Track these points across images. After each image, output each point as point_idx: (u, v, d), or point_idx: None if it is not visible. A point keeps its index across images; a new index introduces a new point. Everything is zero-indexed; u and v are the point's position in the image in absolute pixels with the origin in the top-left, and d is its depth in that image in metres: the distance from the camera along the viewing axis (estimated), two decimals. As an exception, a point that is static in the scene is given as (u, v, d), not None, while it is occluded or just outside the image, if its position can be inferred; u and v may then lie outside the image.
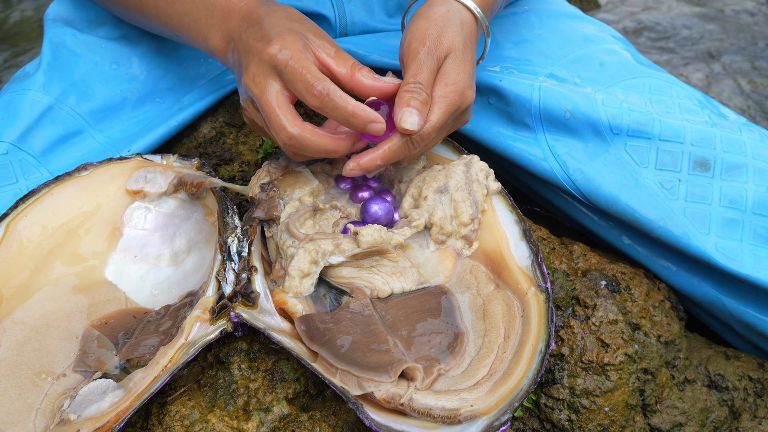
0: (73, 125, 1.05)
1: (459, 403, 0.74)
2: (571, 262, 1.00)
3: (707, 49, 2.72)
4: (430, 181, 0.90)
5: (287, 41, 0.82)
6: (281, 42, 0.82)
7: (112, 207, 0.95)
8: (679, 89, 1.08)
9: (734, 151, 1.01)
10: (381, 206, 0.89)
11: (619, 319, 0.93)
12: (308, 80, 0.80)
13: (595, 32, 1.17)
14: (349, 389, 0.74)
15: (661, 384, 0.94)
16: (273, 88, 0.82)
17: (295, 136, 0.81)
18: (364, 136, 0.85)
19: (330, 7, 1.16)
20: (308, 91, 0.80)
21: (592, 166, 1.03)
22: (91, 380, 0.80)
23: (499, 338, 0.81)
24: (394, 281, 0.86)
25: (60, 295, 0.88)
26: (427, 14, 0.89)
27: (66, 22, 1.15)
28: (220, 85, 1.15)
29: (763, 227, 0.98)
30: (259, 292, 0.84)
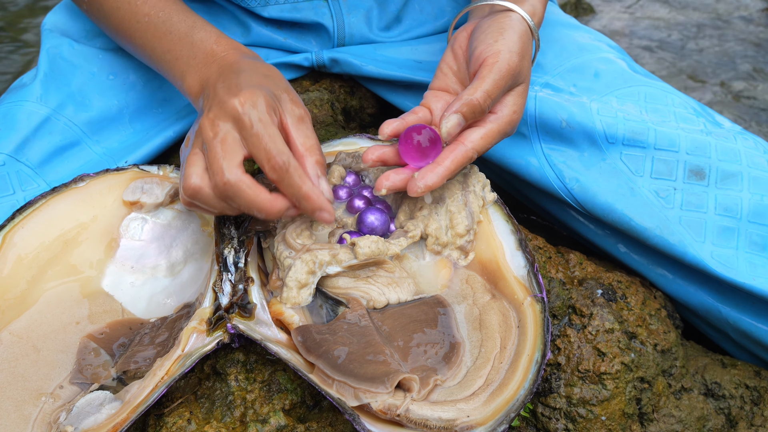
0: (70, 136, 1.05)
1: (455, 414, 0.74)
2: (568, 270, 1.00)
3: (702, 56, 2.72)
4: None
5: (256, 98, 0.80)
6: (249, 97, 0.79)
7: (109, 218, 0.95)
8: (674, 98, 1.09)
9: (729, 160, 1.01)
10: (377, 217, 0.89)
11: (615, 327, 0.93)
12: (270, 150, 0.77)
13: (590, 41, 1.17)
14: (346, 400, 0.74)
15: (658, 392, 0.94)
16: (228, 134, 0.79)
17: (231, 182, 0.77)
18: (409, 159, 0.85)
19: (329, 18, 1.17)
20: (268, 160, 0.78)
21: (588, 175, 1.03)
22: (88, 392, 0.80)
23: (496, 348, 0.81)
24: (390, 292, 0.86)
25: (56, 307, 0.88)
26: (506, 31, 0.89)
27: (63, 32, 1.15)
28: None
29: (758, 235, 0.98)
30: (255, 303, 0.84)
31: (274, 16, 1.14)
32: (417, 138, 0.83)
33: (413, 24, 1.22)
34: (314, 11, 1.16)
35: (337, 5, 1.16)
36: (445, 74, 0.94)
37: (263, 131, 0.78)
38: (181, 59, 0.93)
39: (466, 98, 0.82)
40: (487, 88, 0.83)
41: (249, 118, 0.78)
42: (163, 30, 0.96)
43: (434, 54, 1.18)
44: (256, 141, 0.78)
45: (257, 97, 0.80)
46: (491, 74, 0.84)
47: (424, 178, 0.82)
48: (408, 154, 0.85)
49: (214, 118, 0.80)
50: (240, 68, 0.86)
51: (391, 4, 1.19)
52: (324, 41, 1.19)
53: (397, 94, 1.19)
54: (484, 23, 0.91)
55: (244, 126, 0.79)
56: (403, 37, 1.22)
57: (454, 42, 0.95)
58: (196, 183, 0.79)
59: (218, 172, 0.77)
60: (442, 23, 1.23)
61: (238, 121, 0.79)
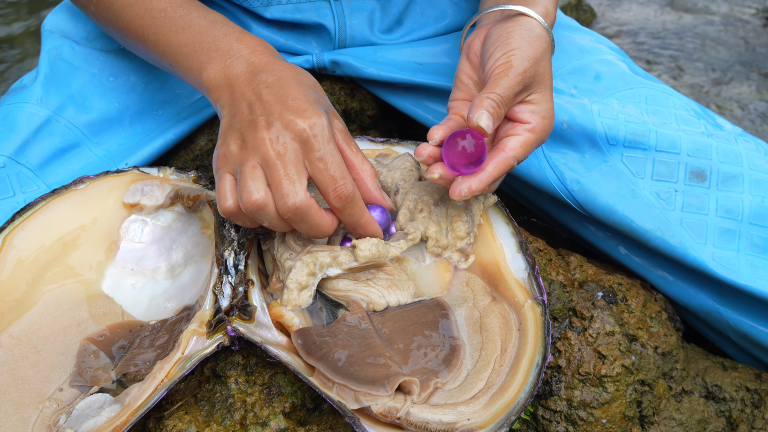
0: (70, 138, 1.05)
1: (456, 417, 0.74)
2: (568, 273, 1.00)
3: (702, 59, 2.72)
4: (426, 194, 0.90)
5: (321, 119, 0.80)
6: (317, 120, 0.79)
7: (109, 220, 0.95)
8: (675, 100, 1.09)
9: (730, 162, 1.01)
10: (379, 215, 0.89)
11: (616, 330, 0.93)
12: (336, 178, 0.79)
13: (591, 43, 1.17)
14: (346, 403, 0.74)
15: (659, 395, 0.94)
16: (296, 154, 0.79)
17: (300, 207, 0.77)
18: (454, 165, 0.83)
19: (331, 20, 1.16)
20: (335, 189, 0.79)
21: (589, 177, 1.03)
22: (88, 395, 0.80)
23: (496, 351, 0.81)
24: (390, 294, 0.86)
25: (56, 309, 0.88)
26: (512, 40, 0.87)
27: (63, 33, 1.15)
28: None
29: (759, 237, 0.98)
30: (255, 306, 0.84)
31: (277, 17, 1.14)
32: (462, 143, 0.82)
33: (414, 26, 1.22)
34: (316, 12, 1.16)
35: (339, 7, 1.16)
36: (466, 85, 0.93)
37: (330, 158, 0.79)
38: (200, 51, 0.91)
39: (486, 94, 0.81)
40: (508, 84, 0.82)
41: (317, 143, 0.79)
42: (181, 24, 0.94)
43: (435, 56, 1.18)
44: (323, 166, 0.79)
45: (323, 120, 0.80)
46: (509, 79, 0.83)
47: (468, 181, 0.81)
48: (454, 162, 0.83)
49: (278, 135, 0.79)
50: (283, 74, 0.85)
51: (393, 7, 1.19)
52: (325, 43, 1.19)
53: (397, 96, 1.19)
54: (493, 32, 0.90)
55: (312, 149, 0.79)
56: (404, 39, 1.22)
57: (469, 51, 0.94)
58: (262, 199, 0.78)
59: (287, 195, 0.77)
60: (443, 25, 1.23)
61: (305, 143, 0.79)
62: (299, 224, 0.80)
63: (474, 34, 0.95)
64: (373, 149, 0.99)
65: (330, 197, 0.80)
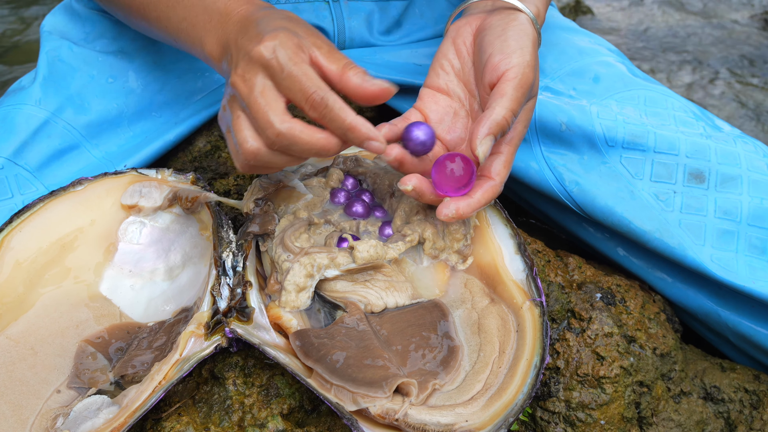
0: (69, 140, 1.05)
1: (454, 419, 0.74)
2: (567, 274, 1.00)
3: (701, 61, 2.73)
4: None
5: (281, 39, 0.77)
6: (274, 39, 0.77)
7: (107, 222, 0.95)
8: (674, 101, 1.09)
9: (729, 163, 1.01)
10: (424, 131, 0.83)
11: (614, 331, 0.93)
12: (306, 87, 0.75)
13: (589, 45, 1.17)
14: (344, 405, 0.74)
15: (657, 396, 0.94)
16: (263, 84, 0.77)
17: (284, 133, 0.75)
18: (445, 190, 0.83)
19: (330, 22, 1.16)
20: (306, 99, 0.76)
21: (588, 178, 1.03)
22: (86, 396, 0.80)
23: (494, 353, 0.81)
24: (388, 296, 0.86)
25: (54, 311, 0.88)
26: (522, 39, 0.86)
27: (62, 34, 1.15)
28: (217, 99, 1.15)
29: (758, 238, 0.98)
30: (254, 307, 0.84)
31: None
32: (451, 166, 0.81)
33: (413, 28, 1.22)
34: (315, 13, 1.16)
35: (338, 8, 1.16)
36: (445, 72, 0.91)
37: (295, 70, 0.76)
38: (197, 25, 0.90)
39: (494, 118, 0.80)
40: (511, 106, 0.81)
41: (277, 61, 0.76)
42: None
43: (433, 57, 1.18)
44: (290, 83, 0.76)
45: (281, 38, 0.77)
46: (514, 91, 0.82)
47: (456, 203, 0.81)
48: (443, 185, 0.82)
49: (243, 73, 0.78)
50: (257, 18, 0.83)
51: (392, 9, 1.19)
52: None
53: (396, 98, 1.19)
54: (494, 24, 0.88)
55: (275, 70, 0.76)
56: (403, 41, 1.22)
57: (456, 36, 0.92)
58: (253, 145, 0.77)
59: (267, 127, 0.76)
60: (442, 27, 1.23)
61: (267, 68, 0.77)
62: (294, 149, 0.77)
63: (465, 20, 0.93)
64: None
65: (306, 110, 0.77)
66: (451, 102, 0.91)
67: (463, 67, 0.91)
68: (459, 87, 0.91)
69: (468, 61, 0.91)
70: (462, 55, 0.91)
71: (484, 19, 0.91)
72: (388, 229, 0.90)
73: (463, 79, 0.91)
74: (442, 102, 0.90)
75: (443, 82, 0.91)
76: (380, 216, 0.91)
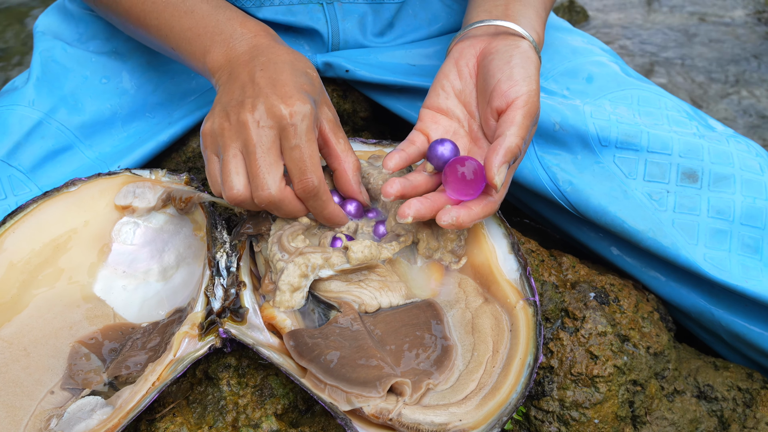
0: (62, 140, 1.05)
1: (448, 418, 0.74)
2: (560, 274, 1.00)
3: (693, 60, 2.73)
4: None
5: (304, 109, 0.81)
6: (299, 108, 0.81)
7: (101, 222, 0.95)
8: (667, 101, 1.09)
9: (722, 163, 1.01)
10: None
11: (608, 330, 0.93)
12: (305, 170, 0.81)
13: (583, 45, 1.17)
14: (338, 405, 0.74)
15: (651, 395, 0.94)
16: (272, 143, 0.81)
17: (275, 199, 0.81)
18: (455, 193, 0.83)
19: (324, 24, 1.16)
20: (300, 180, 0.81)
21: (581, 178, 1.03)
22: (79, 397, 0.80)
23: (488, 352, 0.81)
24: (382, 296, 0.86)
25: (48, 312, 0.88)
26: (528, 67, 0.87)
27: (55, 35, 1.15)
28: (211, 99, 1.15)
29: (751, 237, 0.98)
30: (247, 308, 0.84)
31: (269, 18, 1.14)
32: (461, 170, 0.82)
33: (407, 29, 1.22)
34: (309, 15, 1.15)
35: (332, 10, 1.16)
36: (446, 93, 0.92)
37: (304, 148, 0.81)
38: (204, 35, 0.92)
39: (507, 146, 0.80)
40: (522, 133, 0.82)
41: (295, 131, 0.80)
42: (183, 9, 0.95)
43: (428, 57, 1.18)
44: (296, 155, 0.81)
45: (306, 108, 0.81)
46: (523, 119, 0.83)
47: (457, 212, 0.81)
48: (454, 186, 0.83)
49: (260, 120, 0.81)
50: (280, 59, 0.87)
51: (385, 11, 1.19)
52: (318, 46, 1.19)
53: (390, 98, 1.19)
54: (500, 49, 0.89)
55: (288, 137, 0.80)
56: (397, 42, 1.22)
57: (459, 57, 0.93)
58: (239, 193, 0.81)
59: (262, 187, 0.80)
60: (436, 28, 1.23)
61: (284, 130, 0.81)
62: (275, 211, 0.84)
63: (468, 41, 0.93)
64: (365, 151, 0.99)
65: (296, 187, 0.82)
66: (450, 122, 0.92)
67: (464, 88, 0.92)
68: (459, 108, 0.92)
69: (470, 83, 0.92)
70: (464, 77, 0.92)
71: (489, 42, 0.91)
72: (382, 228, 0.90)
73: (463, 100, 0.92)
74: (442, 122, 0.91)
75: (443, 102, 0.92)
76: (373, 216, 0.91)
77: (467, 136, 0.91)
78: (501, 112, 0.85)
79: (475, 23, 0.94)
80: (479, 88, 0.90)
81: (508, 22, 0.92)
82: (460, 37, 0.95)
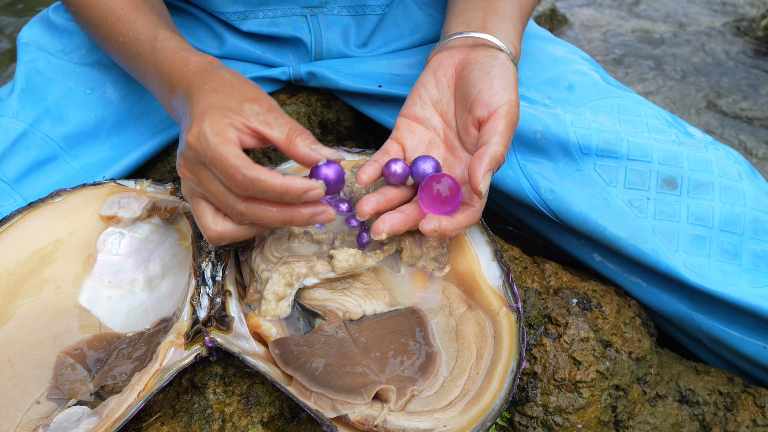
0: (47, 151, 1.05)
1: (432, 424, 0.75)
2: (543, 280, 1.01)
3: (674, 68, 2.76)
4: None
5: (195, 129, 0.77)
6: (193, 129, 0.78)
7: (86, 233, 0.95)
8: (647, 109, 1.10)
9: (701, 170, 1.02)
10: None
11: (590, 336, 0.94)
12: (227, 170, 0.75)
13: (564, 54, 1.19)
14: (324, 412, 0.75)
15: (633, 400, 0.95)
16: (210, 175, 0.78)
17: (245, 211, 0.77)
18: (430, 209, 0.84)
19: (308, 33, 1.17)
20: (231, 181, 0.75)
21: (563, 186, 1.04)
22: (66, 408, 0.80)
23: (472, 359, 0.81)
24: (366, 303, 0.86)
25: (33, 322, 0.88)
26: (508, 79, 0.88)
27: (39, 46, 1.15)
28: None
29: (729, 243, 0.99)
30: (233, 317, 0.84)
31: (253, 30, 1.15)
32: (437, 187, 0.83)
33: (390, 38, 1.23)
34: (293, 26, 1.16)
35: (315, 21, 1.17)
36: (423, 102, 0.93)
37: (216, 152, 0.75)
38: (153, 87, 0.94)
39: (492, 154, 0.81)
40: (505, 142, 0.83)
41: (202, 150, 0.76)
42: (134, 52, 0.95)
43: (410, 67, 1.19)
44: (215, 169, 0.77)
45: (201, 126, 0.77)
46: (506, 128, 0.84)
47: (440, 220, 0.83)
48: (429, 204, 0.84)
49: (185, 162, 0.81)
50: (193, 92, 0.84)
51: (368, 21, 1.20)
52: (302, 55, 1.19)
53: (373, 107, 1.20)
54: (480, 60, 0.90)
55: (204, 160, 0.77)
56: (380, 51, 1.22)
57: (437, 67, 0.94)
58: (216, 233, 0.81)
59: (231, 209, 0.78)
60: (418, 37, 1.24)
61: (199, 155, 0.78)
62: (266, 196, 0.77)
63: (447, 52, 0.94)
64: (349, 160, 0.99)
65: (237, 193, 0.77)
66: (426, 131, 0.93)
67: (441, 97, 0.93)
68: (435, 117, 0.93)
69: (447, 93, 0.93)
70: (441, 86, 0.93)
71: (467, 53, 0.93)
72: (366, 236, 0.90)
73: (440, 109, 0.93)
74: (417, 131, 0.93)
75: (420, 111, 0.93)
76: (356, 225, 0.92)
77: (443, 145, 0.92)
78: (483, 122, 0.86)
79: (453, 35, 0.96)
80: (458, 97, 0.91)
81: (486, 34, 0.93)
82: (438, 48, 0.96)
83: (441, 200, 0.83)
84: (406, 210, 0.86)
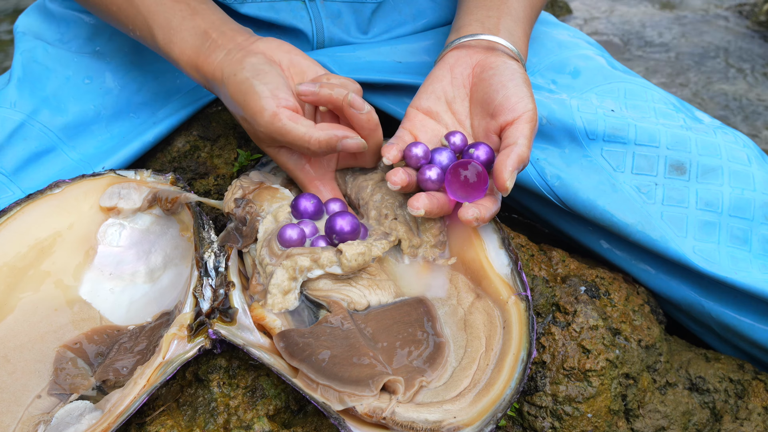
0: (45, 142, 1.03)
1: (442, 416, 0.73)
2: (551, 268, 1.00)
3: (679, 52, 2.74)
4: (390, 197, 0.90)
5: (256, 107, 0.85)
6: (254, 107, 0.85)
7: (86, 224, 0.93)
8: (653, 93, 1.09)
9: (709, 154, 1.01)
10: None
11: (599, 324, 0.93)
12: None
13: (569, 38, 1.17)
14: (331, 404, 0.74)
15: (643, 388, 0.94)
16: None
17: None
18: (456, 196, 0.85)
19: (308, 22, 1.15)
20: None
21: (569, 172, 1.03)
22: (67, 402, 0.78)
23: (481, 348, 0.80)
24: (371, 294, 0.85)
25: (33, 316, 0.87)
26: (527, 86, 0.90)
27: (36, 35, 1.13)
28: (195, 98, 1.13)
29: (739, 229, 0.98)
30: (237, 308, 0.83)
31: (252, 14, 1.13)
32: (464, 174, 0.83)
33: (392, 24, 1.21)
34: (292, 14, 1.14)
35: (315, 8, 1.15)
36: (437, 98, 0.93)
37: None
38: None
39: (519, 153, 0.83)
40: (530, 144, 0.84)
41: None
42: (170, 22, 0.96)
43: (414, 54, 1.17)
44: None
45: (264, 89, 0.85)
46: (531, 133, 0.85)
47: (479, 208, 0.83)
48: (456, 190, 0.84)
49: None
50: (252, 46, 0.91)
51: (367, 8, 1.18)
52: (303, 44, 1.18)
53: (377, 95, 1.18)
54: (500, 66, 0.91)
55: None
56: (383, 38, 1.21)
57: (455, 65, 0.94)
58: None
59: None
60: (421, 24, 1.22)
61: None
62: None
63: (465, 51, 0.95)
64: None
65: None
66: (438, 126, 0.93)
67: (455, 96, 0.93)
68: (448, 114, 0.93)
69: (462, 92, 0.93)
70: (457, 85, 0.93)
71: (485, 56, 0.93)
72: (363, 230, 0.89)
73: (453, 108, 0.93)
74: (429, 125, 0.93)
75: (434, 106, 0.93)
76: (354, 217, 0.90)
77: None
78: (507, 125, 0.86)
79: (469, 36, 0.95)
80: (475, 99, 0.92)
81: (501, 38, 0.94)
82: (454, 45, 0.96)
83: (469, 186, 0.83)
84: (437, 195, 0.86)
